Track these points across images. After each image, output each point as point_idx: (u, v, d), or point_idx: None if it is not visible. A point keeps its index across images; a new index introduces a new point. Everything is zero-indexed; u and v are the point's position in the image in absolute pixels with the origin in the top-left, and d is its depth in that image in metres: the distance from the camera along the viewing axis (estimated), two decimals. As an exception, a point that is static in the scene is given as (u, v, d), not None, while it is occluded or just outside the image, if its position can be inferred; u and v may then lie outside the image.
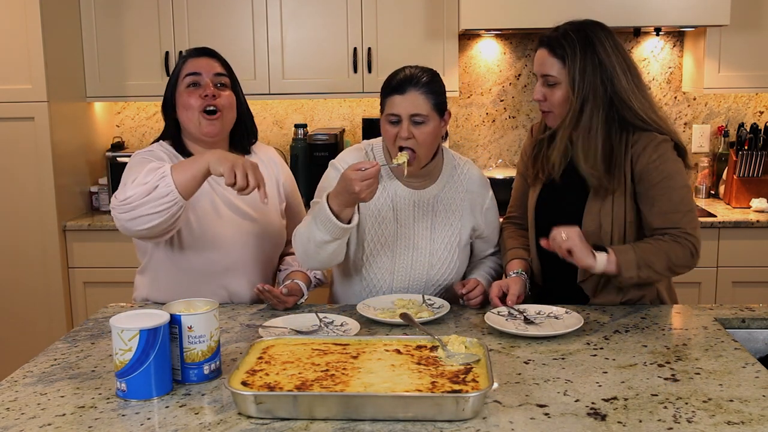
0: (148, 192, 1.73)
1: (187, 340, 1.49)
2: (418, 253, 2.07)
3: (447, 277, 2.09)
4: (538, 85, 1.96)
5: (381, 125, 1.99)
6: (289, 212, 2.20)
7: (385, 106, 1.96)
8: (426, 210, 2.07)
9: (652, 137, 1.92)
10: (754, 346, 1.90)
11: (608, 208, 1.94)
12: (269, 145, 2.30)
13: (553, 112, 1.95)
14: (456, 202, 2.09)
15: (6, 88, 3.27)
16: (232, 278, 2.05)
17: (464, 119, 3.86)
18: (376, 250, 2.06)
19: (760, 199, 3.42)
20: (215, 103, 1.98)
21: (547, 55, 1.93)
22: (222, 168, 1.71)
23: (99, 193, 3.60)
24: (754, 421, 1.33)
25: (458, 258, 2.10)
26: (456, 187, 2.10)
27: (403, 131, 1.92)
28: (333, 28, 3.49)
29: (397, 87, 1.93)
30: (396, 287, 2.08)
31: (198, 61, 2.02)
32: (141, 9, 3.51)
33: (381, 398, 1.35)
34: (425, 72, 1.96)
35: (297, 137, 3.68)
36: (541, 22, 3.11)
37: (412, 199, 2.06)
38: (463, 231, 2.09)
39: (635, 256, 1.85)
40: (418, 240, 2.06)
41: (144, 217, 1.75)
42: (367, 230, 2.05)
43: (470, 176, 2.12)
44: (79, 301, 3.43)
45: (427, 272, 2.07)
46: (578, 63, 1.89)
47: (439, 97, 1.96)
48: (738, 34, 3.38)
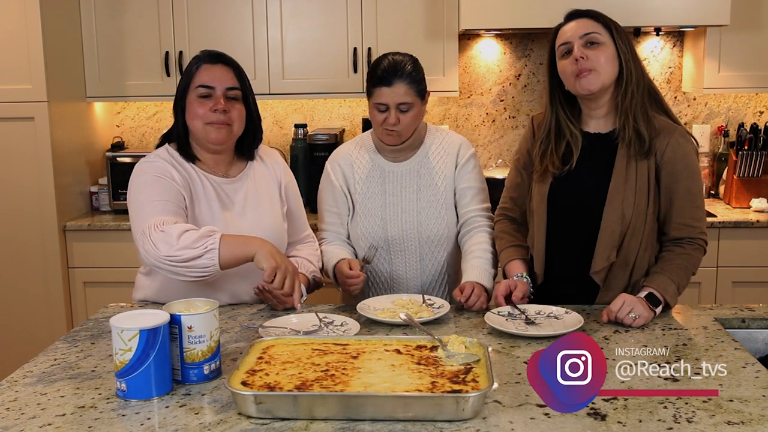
0: (192, 258, 1.79)
1: (187, 340, 1.50)
2: (407, 216, 2.24)
3: (438, 231, 2.25)
4: (576, 47, 1.93)
5: (369, 110, 2.21)
6: (290, 215, 2.20)
7: (373, 95, 2.16)
8: (411, 177, 2.26)
9: (675, 127, 1.97)
10: (754, 346, 1.90)
11: (630, 198, 1.94)
12: (272, 148, 2.30)
13: (596, 70, 1.92)
14: (439, 165, 2.26)
15: (6, 88, 3.26)
16: (234, 281, 2.05)
17: (464, 119, 3.85)
18: (368, 220, 2.25)
19: (760, 199, 3.42)
20: (224, 119, 1.97)
21: (588, 20, 1.96)
22: (266, 265, 1.78)
23: (99, 193, 3.60)
24: (754, 421, 1.33)
25: (446, 213, 2.25)
26: (438, 152, 2.27)
27: (390, 118, 2.14)
28: (333, 28, 3.49)
29: (383, 79, 2.12)
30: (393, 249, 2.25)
31: (212, 72, 1.99)
32: (141, 9, 3.50)
33: (381, 398, 1.35)
34: (407, 60, 2.15)
35: (297, 137, 3.68)
36: (541, 22, 3.11)
37: (398, 171, 2.26)
38: (447, 189, 2.26)
39: (675, 287, 1.91)
40: (405, 204, 2.25)
41: (179, 275, 1.83)
42: (358, 203, 2.26)
43: (450, 141, 2.30)
44: (79, 301, 3.43)
45: (417, 229, 2.24)
46: (620, 32, 1.96)
47: (421, 84, 2.17)
48: (738, 34, 3.38)
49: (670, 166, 1.94)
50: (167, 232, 1.80)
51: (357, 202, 2.26)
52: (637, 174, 1.95)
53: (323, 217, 2.32)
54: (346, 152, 2.31)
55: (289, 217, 2.19)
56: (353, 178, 2.27)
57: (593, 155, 2.00)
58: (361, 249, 2.26)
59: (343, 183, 2.27)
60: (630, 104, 1.94)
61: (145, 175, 1.97)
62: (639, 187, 1.95)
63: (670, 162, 1.94)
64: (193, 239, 1.79)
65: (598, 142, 2.01)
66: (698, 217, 1.98)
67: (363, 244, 2.25)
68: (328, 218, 2.30)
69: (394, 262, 2.26)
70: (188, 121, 2.01)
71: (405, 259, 2.25)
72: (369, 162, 2.27)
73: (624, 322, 1.82)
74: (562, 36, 1.98)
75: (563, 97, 2.03)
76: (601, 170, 1.98)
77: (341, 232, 2.29)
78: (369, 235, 2.24)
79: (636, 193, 1.95)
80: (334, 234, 2.29)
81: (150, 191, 1.92)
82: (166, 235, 1.80)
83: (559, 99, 2.03)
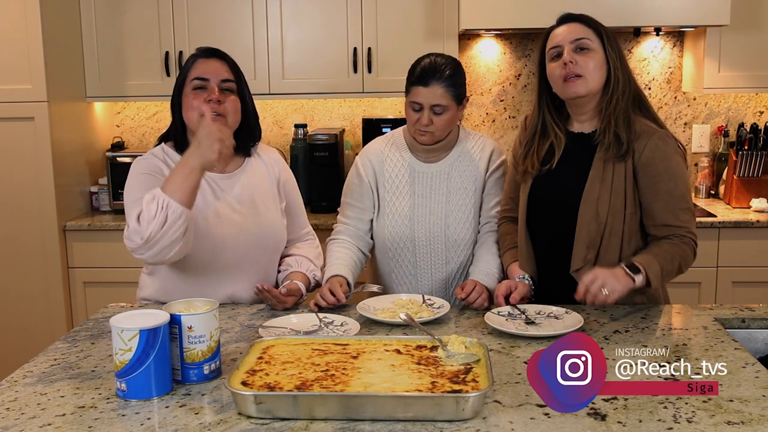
0: (162, 224, 1.77)
1: (187, 340, 1.50)
2: (435, 218, 2.22)
3: (464, 235, 2.22)
4: (566, 51, 1.95)
5: (405, 107, 2.18)
6: (289, 212, 2.20)
7: (410, 93, 2.14)
8: (441, 180, 2.23)
9: (656, 130, 1.96)
10: (754, 346, 1.90)
11: (606, 197, 1.94)
12: (271, 146, 2.30)
13: (584, 76, 1.94)
14: (470, 170, 2.23)
15: (6, 88, 3.27)
16: (233, 278, 2.05)
17: (464, 119, 3.85)
18: (395, 219, 2.23)
19: (760, 199, 3.42)
20: (219, 109, 1.98)
21: (580, 25, 1.97)
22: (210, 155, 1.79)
23: (99, 193, 3.60)
24: (754, 421, 1.33)
25: (473, 217, 2.23)
26: (470, 156, 2.24)
27: (423, 119, 2.11)
28: (333, 28, 3.49)
29: (421, 78, 2.10)
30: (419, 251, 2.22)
31: (207, 65, 2.02)
32: (141, 9, 3.51)
33: (381, 398, 1.35)
34: (448, 63, 2.12)
35: (297, 137, 3.68)
36: (541, 22, 3.09)
37: (429, 172, 2.23)
38: (476, 194, 2.24)
39: (659, 267, 1.87)
40: (434, 206, 2.22)
41: (168, 246, 1.81)
42: (385, 201, 2.24)
43: (483, 145, 2.27)
44: (79, 301, 3.43)
45: (444, 232, 2.21)
46: (611, 38, 1.97)
47: (460, 89, 2.13)
48: (738, 34, 3.38)
49: (649, 168, 1.93)
50: (128, 225, 1.83)
51: (384, 200, 2.24)
52: (614, 175, 1.95)
53: (344, 210, 2.30)
54: (378, 149, 2.28)
55: (289, 213, 2.19)
56: (383, 175, 2.25)
57: (574, 155, 2.02)
58: (386, 250, 2.25)
59: (372, 179, 2.25)
60: (614, 110, 1.95)
61: (133, 174, 2.00)
62: (615, 187, 1.95)
63: (649, 164, 1.93)
64: (149, 212, 1.78)
65: (580, 142, 2.02)
66: (684, 219, 1.95)
67: (389, 243, 2.23)
68: (349, 211, 2.28)
69: (419, 263, 2.24)
70: (184, 114, 2.02)
71: (431, 261, 2.23)
72: (400, 160, 2.25)
73: (597, 299, 1.80)
74: (553, 39, 1.99)
75: (551, 98, 2.04)
76: (580, 170, 1.99)
77: (360, 227, 2.26)
78: (396, 234, 2.22)
79: (612, 193, 1.94)
80: (353, 229, 2.26)
81: (135, 191, 1.93)
82: (129, 229, 1.82)
83: (547, 101, 2.05)
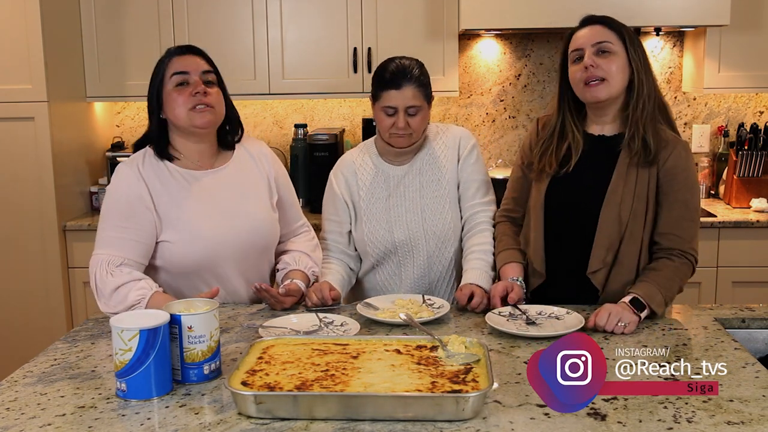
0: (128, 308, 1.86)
1: (187, 340, 1.50)
2: (411, 215, 2.22)
3: (443, 227, 2.22)
4: (587, 54, 1.94)
5: (375, 114, 2.18)
6: (281, 205, 2.17)
7: (381, 98, 2.13)
8: (413, 177, 2.24)
9: (679, 140, 1.99)
10: (754, 346, 1.90)
11: (629, 201, 1.95)
12: (267, 144, 2.29)
13: (607, 80, 1.93)
14: (440, 161, 2.25)
15: (6, 88, 3.26)
16: (226, 276, 2.04)
17: (464, 119, 3.85)
18: (373, 225, 2.23)
19: (760, 199, 3.42)
20: (205, 101, 1.97)
21: (602, 27, 1.97)
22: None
23: (99, 193, 3.60)
24: (754, 421, 1.33)
25: (450, 208, 2.23)
26: (439, 148, 2.26)
27: (399, 122, 2.12)
28: (333, 28, 3.49)
29: (392, 81, 2.11)
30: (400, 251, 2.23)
31: (184, 60, 2.00)
32: (141, 9, 3.50)
33: (381, 398, 1.35)
34: (413, 64, 2.15)
35: (297, 137, 3.68)
36: (541, 22, 3.12)
37: (401, 173, 2.25)
38: (450, 183, 2.24)
39: (662, 297, 1.89)
40: (409, 204, 2.23)
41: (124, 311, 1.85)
42: (362, 210, 2.24)
43: (451, 134, 2.28)
44: (79, 301, 3.43)
45: (422, 227, 2.22)
46: (634, 41, 1.97)
47: (428, 88, 2.16)
48: (738, 34, 3.38)
49: (671, 176, 1.95)
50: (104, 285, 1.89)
51: (360, 209, 2.24)
52: (638, 180, 1.95)
53: (323, 225, 2.31)
54: (350, 160, 2.29)
55: (281, 206, 2.17)
56: (357, 185, 2.25)
57: (595, 157, 2.01)
58: (368, 257, 2.25)
59: (345, 192, 2.26)
60: (641, 115, 1.94)
61: (113, 197, 1.99)
62: (638, 192, 1.95)
63: (671, 172, 1.94)
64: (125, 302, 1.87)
65: (601, 145, 2.01)
66: (692, 233, 1.97)
67: (371, 251, 2.23)
68: (328, 226, 2.30)
69: (403, 266, 2.24)
70: (169, 113, 2.00)
71: (413, 260, 2.23)
72: (373, 168, 2.25)
73: (614, 332, 1.81)
74: (575, 42, 1.98)
75: (572, 100, 2.03)
76: (601, 172, 1.98)
77: (339, 241, 2.27)
78: (376, 240, 2.22)
79: (635, 198, 1.95)
80: (333, 244, 2.28)
81: (110, 223, 1.96)
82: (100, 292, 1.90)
83: (569, 102, 2.04)
